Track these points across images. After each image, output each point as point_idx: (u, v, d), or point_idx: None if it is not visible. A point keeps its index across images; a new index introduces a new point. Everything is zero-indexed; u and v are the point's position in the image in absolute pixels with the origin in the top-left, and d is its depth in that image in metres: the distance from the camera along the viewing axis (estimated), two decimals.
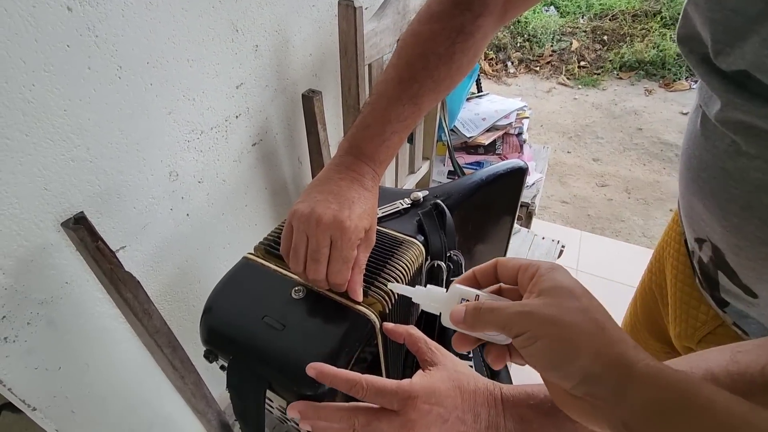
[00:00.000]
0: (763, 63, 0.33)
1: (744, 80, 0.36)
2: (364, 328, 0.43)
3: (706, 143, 0.43)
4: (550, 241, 1.28)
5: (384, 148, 0.47)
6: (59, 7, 0.41)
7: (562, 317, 0.27)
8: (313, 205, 0.42)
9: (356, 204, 0.44)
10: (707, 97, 0.42)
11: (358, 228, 0.42)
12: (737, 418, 0.23)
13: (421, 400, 0.33)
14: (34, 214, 0.45)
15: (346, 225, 0.41)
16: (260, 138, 0.75)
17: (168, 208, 0.62)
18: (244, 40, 0.65)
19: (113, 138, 0.51)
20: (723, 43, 0.36)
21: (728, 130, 0.40)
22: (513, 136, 1.47)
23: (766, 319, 0.46)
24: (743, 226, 0.42)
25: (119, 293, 0.51)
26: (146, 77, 0.52)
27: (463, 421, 0.34)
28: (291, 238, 0.43)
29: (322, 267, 0.42)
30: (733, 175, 0.40)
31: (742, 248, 0.43)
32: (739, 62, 0.35)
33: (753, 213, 0.40)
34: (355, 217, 0.42)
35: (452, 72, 0.49)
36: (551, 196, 2.38)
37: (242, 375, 0.42)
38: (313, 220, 0.41)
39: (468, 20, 0.47)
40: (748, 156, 0.38)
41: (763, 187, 0.38)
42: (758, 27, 0.33)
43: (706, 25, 0.37)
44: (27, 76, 0.41)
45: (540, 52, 3.42)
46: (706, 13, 0.37)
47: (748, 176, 0.39)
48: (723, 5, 0.35)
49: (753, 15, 0.33)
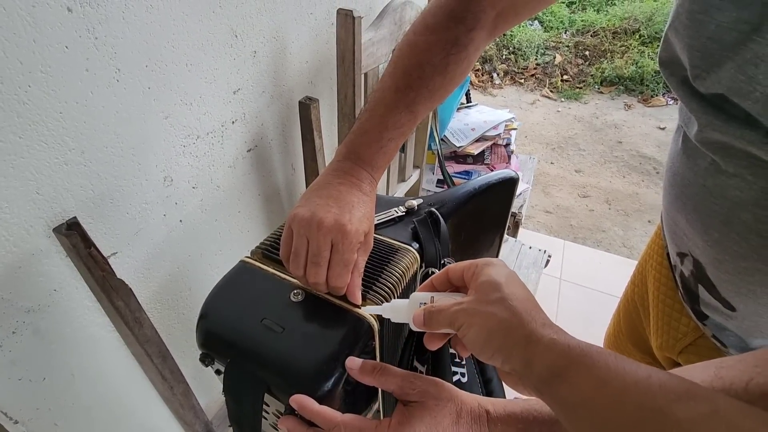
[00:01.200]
0: (739, 88, 0.35)
1: (721, 103, 0.38)
2: (363, 331, 0.43)
3: (688, 162, 0.45)
4: (536, 251, 1.30)
5: (381, 153, 0.48)
6: (59, 7, 0.40)
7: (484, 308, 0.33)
8: (314, 209, 0.42)
9: (356, 208, 0.44)
10: (687, 119, 0.44)
11: (358, 232, 0.42)
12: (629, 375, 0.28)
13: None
14: (24, 219, 0.43)
15: (347, 228, 0.41)
16: (255, 144, 0.75)
17: (161, 213, 0.60)
18: (242, 45, 0.65)
19: (109, 142, 0.49)
20: (701, 68, 0.37)
21: (708, 150, 0.41)
22: (501, 147, 1.49)
23: (744, 332, 0.48)
24: (723, 240, 0.43)
25: (110, 301, 0.50)
26: (144, 80, 0.51)
27: None
28: (291, 242, 0.43)
29: (322, 270, 0.42)
30: (713, 192, 0.42)
31: (722, 262, 0.45)
32: (716, 86, 0.37)
33: (732, 228, 0.42)
34: (355, 220, 0.42)
35: (446, 82, 0.50)
36: (535, 206, 2.43)
37: (240, 378, 0.41)
38: (314, 224, 0.41)
39: (462, 33, 0.49)
40: (727, 174, 0.40)
41: (741, 204, 0.40)
42: (733, 54, 0.34)
43: (685, 50, 0.38)
44: (23, 77, 0.39)
45: (525, 64, 3.50)
46: (685, 39, 0.38)
47: (727, 193, 0.41)
48: (701, 33, 0.36)
49: (728, 43, 0.34)
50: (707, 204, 0.43)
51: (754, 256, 0.41)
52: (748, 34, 0.33)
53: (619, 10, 3.68)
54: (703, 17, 0.36)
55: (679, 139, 0.48)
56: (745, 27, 0.33)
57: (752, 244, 0.41)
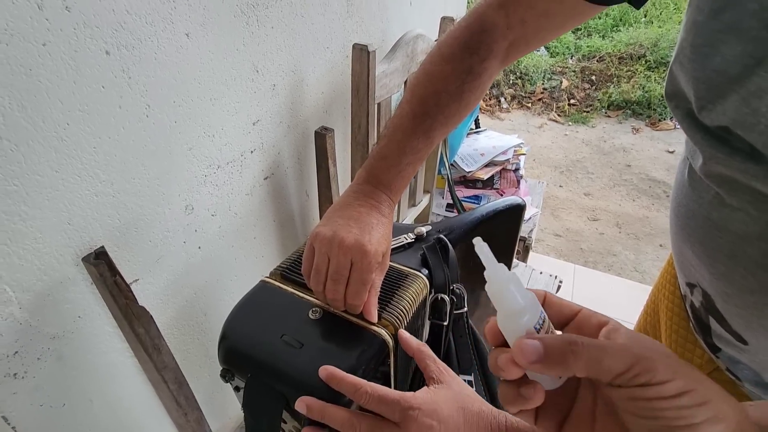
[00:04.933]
0: (744, 120, 0.36)
1: (726, 136, 0.38)
2: (379, 348, 0.44)
3: (693, 193, 0.46)
4: (548, 276, 1.30)
5: (399, 177, 0.50)
6: (99, 51, 0.43)
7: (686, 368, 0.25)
8: (335, 229, 0.44)
9: (375, 229, 0.45)
10: (693, 151, 0.45)
11: (377, 252, 0.44)
12: None
13: (423, 413, 0.34)
14: (55, 249, 0.45)
15: (367, 249, 0.43)
16: (272, 172, 0.77)
17: (182, 240, 0.62)
18: (263, 80, 0.67)
19: (136, 173, 0.52)
20: (706, 100, 0.38)
21: (712, 182, 0.42)
22: (510, 172, 1.50)
23: (758, 366, 0.48)
24: (729, 273, 0.44)
25: (132, 328, 0.51)
26: (171, 115, 0.54)
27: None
28: (312, 259, 0.45)
29: (341, 287, 0.43)
30: (718, 225, 0.43)
31: (730, 295, 0.45)
32: (721, 118, 0.38)
33: (737, 262, 0.42)
34: (374, 241, 0.44)
35: (461, 108, 0.52)
36: (545, 229, 2.42)
37: (260, 392, 0.42)
38: (336, 243, 0.43)
39: (476, 63, 0.51)
40: (731, 208, 0.41)
41: (746, 238, 0.40)
42: (738, 87, 0.35)
43: (690, 83, 0.40)
44: (63, 116, 0.42)
45: (532, 89, 3.55)
46: (690, 72, 0.39)
47: (731, 227, 0.41)
48: (705, 66, 0.38)
49: (733, 76, 0.36)
50: (712, 237, 0.44)
51: (762, 291, 0.41)
52: (753, 67, 0.34)
53: (624, 36, 3.75)
54: (708, 50, 0.37)
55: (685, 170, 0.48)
56: (749, 60, 0.34)
57: (759, 279, 0.41)
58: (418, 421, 0.34)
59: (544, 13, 0.49)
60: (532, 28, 0.51)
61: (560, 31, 0.54)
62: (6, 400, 0.45)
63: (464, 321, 0.60)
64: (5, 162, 0.39)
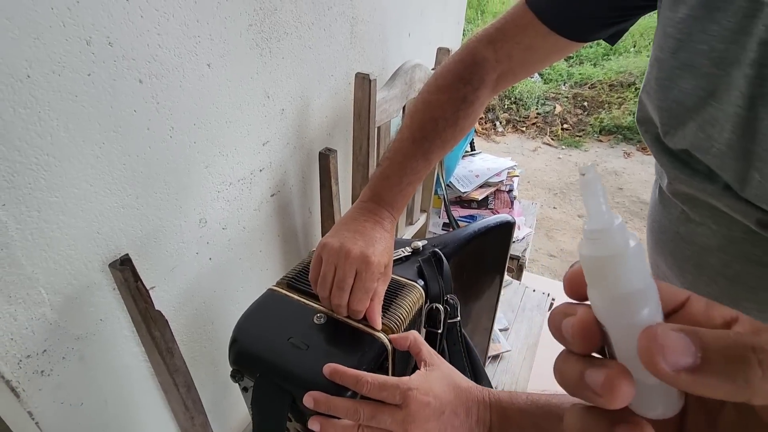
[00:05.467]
0: (700, 144, 0.41)
1: (687, 158, 0.44)
2: (379, 350, 0.48)
3: (663, 210, 0.51)
4: (540, 294, 1.34)
5: (401, 196, 0.56)
6: (133, 80, 0.49)
7: None
8: (343, 241, 0.49)
9: (378, 243, 0.50)
10: (660, 172, 0.51)
11: (380, 263, 0.48)
12: None
13: (420, 392, 0.38)
14: (85, 255, 0.50)
15: (371, 260, 0.47)
16: (278, 189, 0.82)
17: (194, 252, 0.66)
18: (273, 104, 0.73)
19: (158, 188, 0.57)
20: (669, 126, 0.44)
21: (678, 200, 0.48)
22: (504, 193, 1.56)
23: None
24: (696, 282, 0.49)
25: (149, 330, 0.55)
26: (192, 136, 0.59)
27: (457, 414, 0.39)
28: (320, 267, 0.49)
29: (345, 294, 0.48)
30: (685, 238, 0.48)
31: None
32: (681, 142, 0.43)
33: (702, 271, 0.47)
34: (378, 253, 0.49)
35: (457, 133, 0.58)
36: (539, 250, 2.47)
37: (268, 390, 0.46)
38: (343, 254, 0.47)
39: (469, 92, 0.57)
40: (695, 223, 0.46)
41: (708, 249, 0.45)
42: (694, 115, 0.41)
43: (656, 111, 0.46)
44: (100, 136, 0.47)
45: (526, 114, 3.66)
46: (655, 102, 0.45)
47: (696, 239, 0.47)
48: (667, 97, 0.44)
49: (690, 106, 0.41)
50: (681, 249, 0.49)
51: (723, 297, 0.46)
52: (705, 99, 0.40)
53: (614, 65, 3.89)
54: (668, 84, 0.43)
55: (656, 190, 0.54)
56: (702, 93, 0.40)
57: (721, 286, 0.46)
58: (417, 399, 0.38)
59: (528, 48, 0.56)
60: (518, 61, 0.57)
61: (544, 64, 0.61)
62: (33, 396, 0.49)
63: (457, 330, 0.64)
64: (50, 176, 0.44)
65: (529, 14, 0.53)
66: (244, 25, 0.62)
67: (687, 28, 0.41)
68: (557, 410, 0.39)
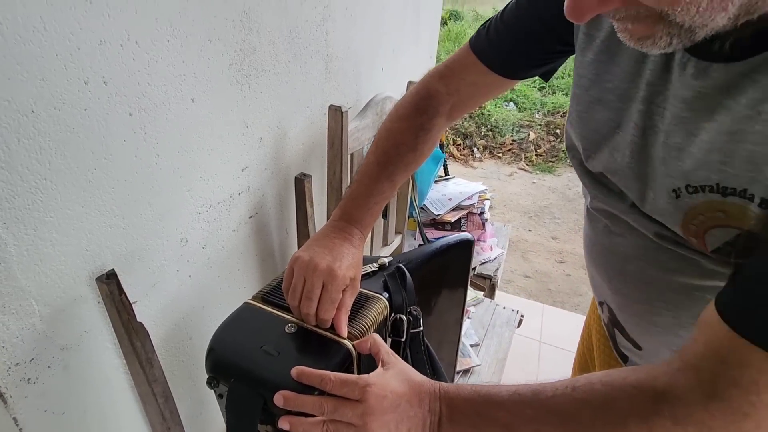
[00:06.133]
0: (611, 167, 0.49)
1: (604, 180, 0.52)
2: (344, 356, 0.53)
3: (591, 225, 0.59)
4: (510, 311, 1.40)
5: (368, 214, 0.62)
6: (124, 113, 0.55)
7: None
8: (312, 255, 0.55)
9: (346, 257, 0.56)
10: (585, 192, 0.59)
11: (345, 276, 0.54)
12: None
13: (377, 387, 0.43)
14: (73, 270, 0.55)
15: (337, 273, 0.53)
16: (256, 211, 0.88)
17: (175, 269, 0.71)
18: (251, 134, 0.80)
19: (143, 210, 0.62)
20: (589, 151, 0.52)
21: (601, 216, 0.56)
22: (476, 215, 1.65)
23: None
24: (621, 288, 0.56)
25: (130, 341, 0.59)
26: (175, 162, 0.65)
27: (411, 405, 0.44)
28: (291, 279, 0.55)
29: (313, 304, 0.53)
30: (609, 249, 0.56)
31: (624, 306, 0.57)
32: (598, 166, 0.51)
33: (625, 278, 0.55)
34: (344, 267, 0.55)
35: (417, 156, 0.66)
36: (515, 271, 2.55)
37: (241, 394, 0.50)
38: (311, 267, 0.53)
39: (426, 120, 0.65)
40: (615, 234, 0.54)
41: (628, 258, 0.53)
42: (607, 143, 0.49)
43: (578, 139, 0.54)
44: (92, 162, 0.53)
45: (502, 140, 3.82)
46: (577, 130, 0.54)
47: (617, 250, 0.54)
48: (586, 126, 0.52)
49: (603, 134, 0.50)
50: (607, 259, 0.57)
51: (644, 300, 0.54)
52: (614, 129, 0.48)
53: None
54: (586, 115, 0.52)
55: (585, 208, 0.62)
56: (612, 124, 0.49)
57: (640, 289, 0.54)
58: (374, 394, 0.43)
59: (472, 84, 0.64)
60: (465, 95, 0.66)
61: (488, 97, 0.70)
62: (18, 402, 0.52)
63: (420, 339, 0.70)
64: (47, 198, 0.49)
65: (472, 56, 0.62)
66: (226, 64, 0.70)
67: (595, 69, 0.49)
68: (496, 397, 0.45)
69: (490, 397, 0.45)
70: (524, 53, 0.59)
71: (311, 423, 0.45)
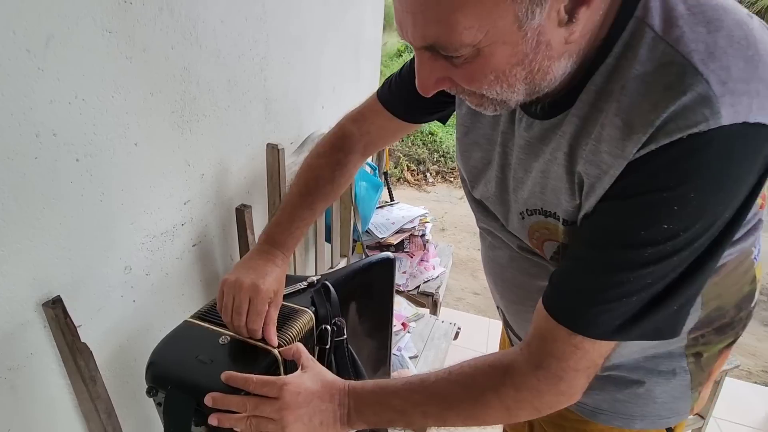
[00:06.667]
0: (485, 195, 0.63)
1: (484, 205, 0.66)
2: (271, 361, 0.62)
3: (481, 242, 0.73)
4: (447, 324, 1.52)
5: (291, 238, 0.73)
6: (72, 159, 0.64)
7: None
8: (238, 275, 0.64)
9: (268, 275, 0.66)
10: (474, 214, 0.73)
11: (269, 290, 0.64)
12: None
13: (293, 385, 0.53)
14: (21, 297, 0.62)
15: (260, 288, 0.63)
16: (199, 240, 0.96)
17: (120, 295, 0.78)
18: (193, 171, 0.90)
19: (89, 242, 0.70)
20: (472, 182, 0.66)
21: (486, 234, 0.69)
22: (418, 237, 1.78)
23: None
24: (504, 292, 0.69)
25: (74, 360, 0.66)
26: (119, 199, 0.74)
27: (323, 400, 0.53)
28: (222, 298, 0.64)
29: (242, 317, 0.62)
30: (493, 260, 0.69)
31: (507, 307, 0.70)
32: (478, 194, 0.65)
33: (505, 283, 0.68)
34: (267, 283, 0.64)
35: (335, 188, 0.78)
36: (464, 289, 2.69)
37: (177, 399, 0.58)
38: (237, 286, 0.63)
39: (342, 157, 0.78)
40: (495, 248, 0.67)
41: (505, 267, 0.66)
42: (482, 176, 0.63)
43: (464, 172, 0.67)
44: (41, 203, 0.61)
45: (453, 165, 4.05)
46: (462, 165, 0.67)
47: (498, 261, 0.67)
48: (468, 164, 0.65)
49: (479, 170, 0.63)
50: (493, 269, 0.70)
51: (519, 302, 0.67)
52: (486, 165, 0.62)
53: None
54: (467, 155, 0.65)
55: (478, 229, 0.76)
56: (485, 162, 0.62)
57: (516, 293, 0.67)
58: (290, 391, 0.53)
59: (380, 127, 0.78)
60: (375, 136, 0.79)
61: (396, 138, 0.84)
62: None
63: (344, 346, 0.80)
64: None
65: (379, 104, 0.75)
66: (167, 112, 0.80)
67: (470, 119, 0.63)
68: (392, 387, 0.56)
69: (388, 387, 0.56)
70: (418, 103, 0.73)
71: (236, 418, 0.54)
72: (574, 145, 0.46)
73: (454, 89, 0.47)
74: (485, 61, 0.40)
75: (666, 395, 0.58)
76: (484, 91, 0.45)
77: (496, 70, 0.41)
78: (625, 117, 0.40)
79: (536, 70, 0.41)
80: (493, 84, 0.42)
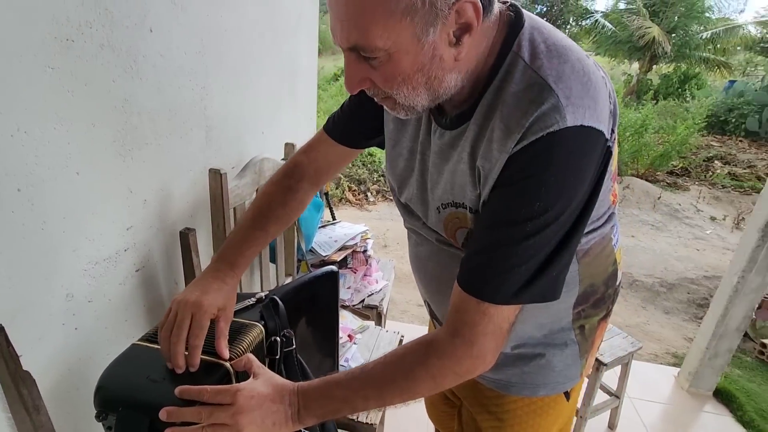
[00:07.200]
0: (410, 198, 0.73)
1: (409, 207, 0.76)
2: (223, 374, 0.66)
3: (408, 240, 0.83)
4: (392, 333, 1.61)
5: (242, 257, 0.78)
6: (13, 190, 0.66)
7: None
8: (185, 293, 0.69)
9: (215, 291, 0.71)
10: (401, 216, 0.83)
11: (212, 305, 0.68)
12: None
13: (246, 391, 0.58)
14: None
15: (203, 303, 0.68)
16: (143, 265, 0.98)
17: (61, 323, 0.78)
18: (135, 197, 0.92)
19: (29, 270, 0.71)
20: (399, 189, 0.76)
21: (411, 233, 0.79)
22: (360, 253, 1.86)
23: None
24: (428, 285, 0.79)
25: (17, 389, 0.66)
26: (62, 227, 0.75)
27: (274, 402, 0.59)
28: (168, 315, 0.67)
29: (183, 332, 0.65)
30: (417, 256, 0.79)
31: (433, 299, 0.80)
32: (404, 198, 0.75)
33: (428, 276, 0.78)
34: (211, 299, 0.69)
35: (287, 212, 0.85)
36: (408, 301, 2.80)
37: (129, 420, 0.61)
38: (182, 302, 0.67)
39: (293, 183, 0.85)
40: (419, 244, 0.77)
41: (427, 260, 0.76)
42: (406, 182, 0.73)
43: (392, 180, 0.77)
44: None
45: None
46: (389, 174, 0.78)
47: (421, 255, 0.78)
48: (395, 172, 0.75)
49: (404, 178, 0.73)
50: (417, 264, 0.80)
51: (440, 292, 0.77)
52: (410, 172, 0.72)
53: None
54: (394, 164, 0.75)
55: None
56: (408, 169, 0.73)
57: (435, 284, 0.77)
58: (243, 396, 0.58)
59: (327, 154, 0.87)
60: (323, 163, 0.88)
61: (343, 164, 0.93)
62: None
63: (293, 355, 0.85)
64: None
65: (324, 134, 0.84)
66: (109, 141, 0.83)
67: (395, 134, 0.74)
68: (336, 379, 0.62)
69: (332, 380, 0.63)
70: (357, 128, 0.83)
71: (192, 429, 0.58)
72: (475, 146, 0.59)
73: (372, 90, 0.58)
74: (395, 65, 0.51)
75: (561, 364, 0.70)
76: (394, 93, 0.55)
77: (403, 74, 0.52)
78: (506, 122, 0.53)
79: (433, 78, 0.53)
80: (401, 86, 0.54)
